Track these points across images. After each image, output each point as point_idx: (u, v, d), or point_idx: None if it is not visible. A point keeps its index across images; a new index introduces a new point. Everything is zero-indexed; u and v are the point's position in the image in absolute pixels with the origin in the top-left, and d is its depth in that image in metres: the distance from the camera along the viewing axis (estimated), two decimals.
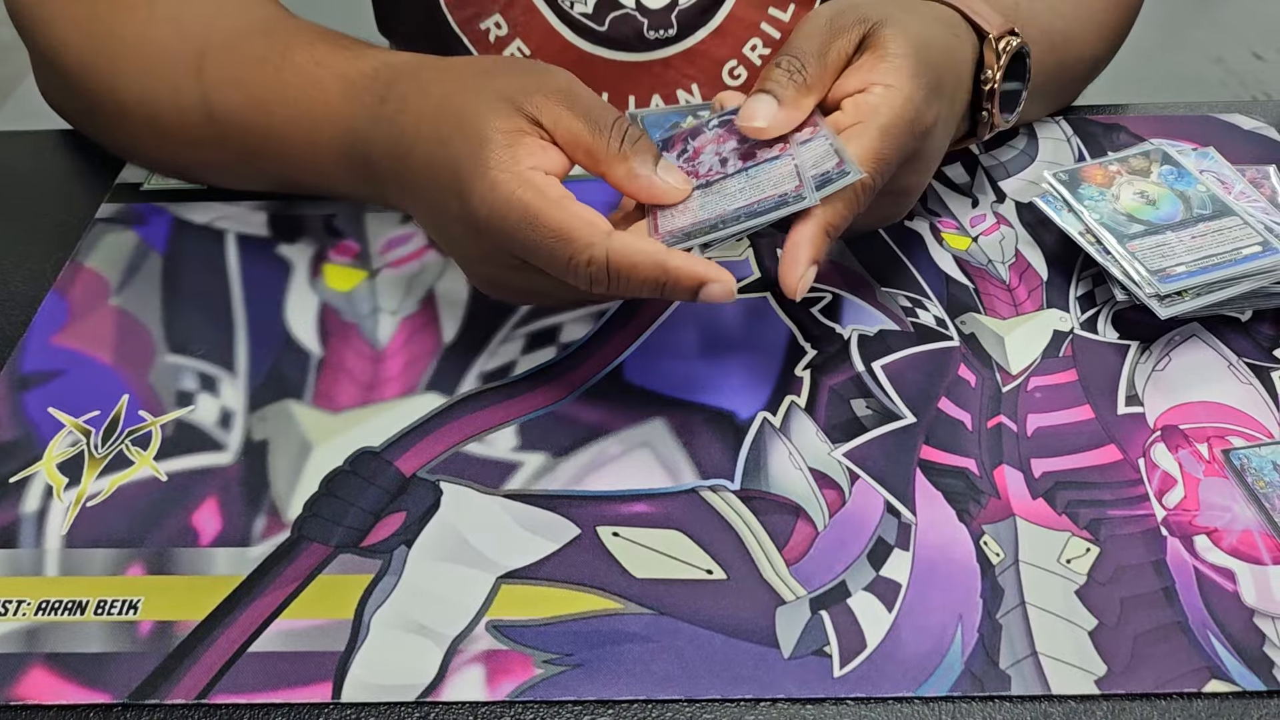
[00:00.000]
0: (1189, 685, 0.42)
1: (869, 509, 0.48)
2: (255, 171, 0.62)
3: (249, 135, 0.59)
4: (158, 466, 0.50)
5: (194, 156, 0.63)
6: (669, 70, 0.74)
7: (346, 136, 0.55)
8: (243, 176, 0.63)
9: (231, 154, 0.61)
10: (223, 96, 0.59)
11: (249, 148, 0.60)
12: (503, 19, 0.71)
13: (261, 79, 0.58)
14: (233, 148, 0.60)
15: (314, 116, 0.57)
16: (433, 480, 0.49)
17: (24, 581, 0.46)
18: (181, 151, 0.63)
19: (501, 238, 0.48)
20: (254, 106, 0.58)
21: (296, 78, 0.57)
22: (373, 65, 0.56)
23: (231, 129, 0.59)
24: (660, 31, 0.72)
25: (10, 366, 0.55)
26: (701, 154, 0.53)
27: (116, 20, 0.62)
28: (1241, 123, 0.69)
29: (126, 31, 0.62)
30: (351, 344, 0.56)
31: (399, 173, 0.53)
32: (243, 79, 0.59)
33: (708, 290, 0.47)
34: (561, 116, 0.50)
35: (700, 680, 0.42)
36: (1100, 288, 0.58)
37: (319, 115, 0.56)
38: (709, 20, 0.71)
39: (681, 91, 0.79)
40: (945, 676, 0.42)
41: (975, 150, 0.68)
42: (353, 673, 0.43)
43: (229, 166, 0.63)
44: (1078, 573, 0.46)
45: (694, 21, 0.71)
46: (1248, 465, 0.49)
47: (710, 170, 0.52)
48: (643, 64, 0.75)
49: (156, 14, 0.62)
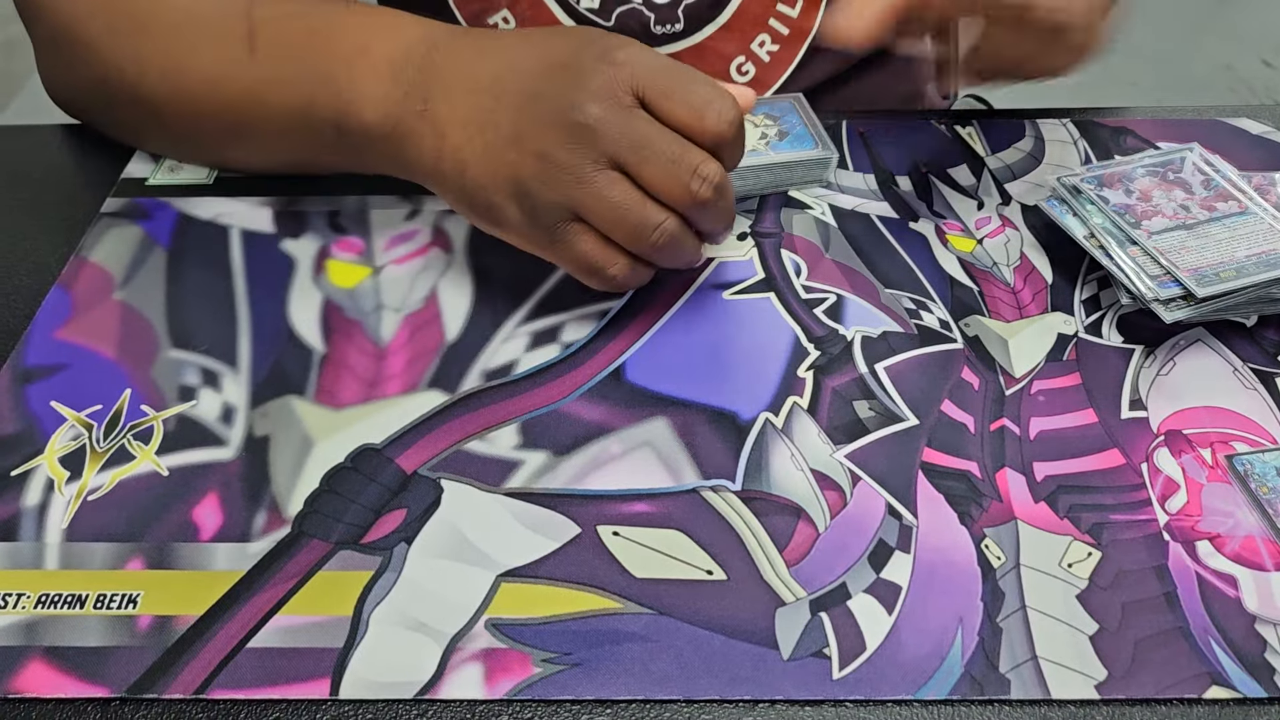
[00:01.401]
0: (1190, 691, 0.42)
1: (870, 511, 0.48)
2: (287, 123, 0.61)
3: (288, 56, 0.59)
4: (159, 461, 0.50)
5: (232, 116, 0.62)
6: None
7: (416, 40, 0.56)
8: (272, 134, 0.62)
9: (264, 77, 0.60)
10: (277, 27, 0.60)
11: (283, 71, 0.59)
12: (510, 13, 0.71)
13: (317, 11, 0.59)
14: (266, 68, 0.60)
15: (378, 25, 0.58)
16: (434, 478, 0.49)
17: (24, 575, 0.46)
18: (203, 123, 0.63)
19: (634, 71, 0.50)
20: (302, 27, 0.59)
21: (356, 12, 0.59)
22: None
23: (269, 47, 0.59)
24: (667, 26, 0.72)
25: (13, 360, 0.55)
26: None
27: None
28: (1249, 127, 0.69)
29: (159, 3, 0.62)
30: (354, 341, 0.56)
31: (477, 35, 0.55)
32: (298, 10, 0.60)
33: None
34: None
35: (699, 681, 0.42)
36: (1105, 291, 0.58)
37: (384, 24, 0.58)
38: (717, 16, 0.71)
39: None
40: (945, 680, 0.42)
41: (981, 152, 0.67)
42: (351, 669, 0.43)
43: (259, 122, 0.62)
44: (1079, 577, 0.45)
45: (701, 17, 0.71)
46: (1251, 471, 0.49)
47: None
48: None
49: None
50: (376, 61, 0.56)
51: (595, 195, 0.50)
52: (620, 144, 0.50)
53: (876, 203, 0.64)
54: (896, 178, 0.66)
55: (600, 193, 0.50)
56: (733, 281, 0.59)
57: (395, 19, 0.59)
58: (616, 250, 0.52)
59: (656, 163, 0.50)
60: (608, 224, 0.51)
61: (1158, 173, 0.60)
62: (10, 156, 0.69)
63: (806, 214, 0.63)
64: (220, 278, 0.59)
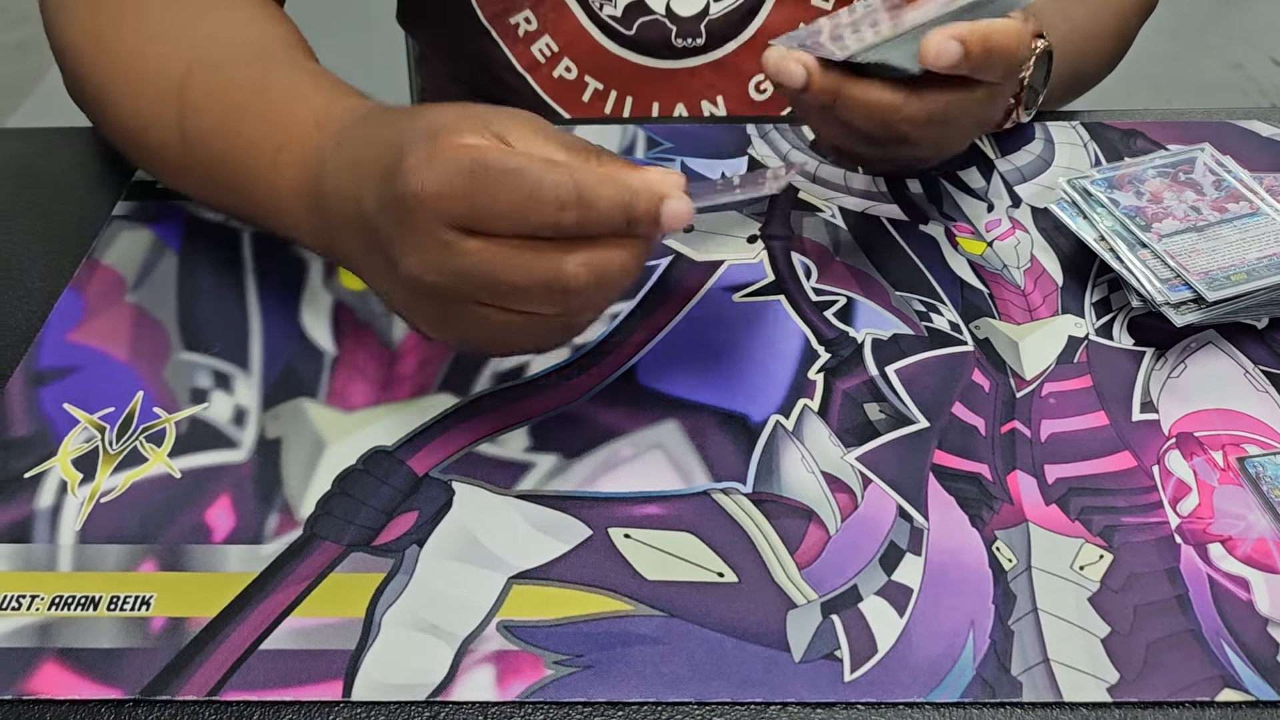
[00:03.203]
0: (1202, 694, 0.42)
1: (881, 513, 0.48)
2: (225, 205, 0.59)
3: (215, 164, 0.56)
4: (171, 463, 0.50)
5: (175, 181, 0.61)
6: (695, 80, 0.74)
7: (310, 165, 0.50)
8: (217, 208, 0.61)
9: (199, 182, 0.58)
10: (197, 120, 0.56)
11: (214, 178, 0.56)
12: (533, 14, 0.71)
13: (232, 103, 0.55)
14: (198, 175, 0.57)
15: (278, 141, 0.52)
16: (445, 480, 0.49)
17: (37, 576, 0.46)
18: (165, 175, 0.62)
19: (444, 201, 0.42)
20: (222, 130, 0.55)
21: (266, 102, 0.54)
22: (349, 103, 0.52)
23: (199, 155, 0.56)
24: (688, 40, 0.72)
25: (26, 362, 0.55)
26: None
27: (114, 32, 0.61)
28: (1260, 129, 0.69)
29: (120, 45, 0.61)
30: (365, 343, 0.56)
31: (340, 186, 0.47)
32: (216, 103, 0.56)
33: (667, 207, 0.42)
34: (532, 139, 0.44)
35: (710, 683, 0.42)
36: (1116, 294, 0.58)
37: (283, 139, 0.52)
38: (740, 33, 0.71)
39: (706, 102, 0.79)
40: (957, 682, 0.42)
41: (991, 155, 0.67)
42: (363, 671, 0.43)
43: (203, 197, 0.60)
44: (1091, 579, 0.45)
45: (724, 33, 0.71)
46: (1263, 473, 0.49)
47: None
48: (669, 71, 0.76)
49: (150, 29, 0.60)
50: (288, 175, 0.51)
51: (479, 320, 0.44)
52: (465, 290, 0.43)
53: (886, 205, 0.64)
54: (906, 180, 0.66)
55: (482, 320, 0.44)
56: (743, 284, 0.59)
57: (304, 113, 0.52)
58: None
59: (515, 304, 0.43)
60: (498, 326, 0.44)
61: (1169, 173, 0.60)
62: (22, 159, 0.70)
63: (816, 216, 0.63)
64: (232, 280, 0.60)
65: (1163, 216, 0.58)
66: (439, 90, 0.93)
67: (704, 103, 0.79)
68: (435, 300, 0.44)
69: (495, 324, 0.44)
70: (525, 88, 0.79)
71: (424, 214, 0.42)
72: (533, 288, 0.42)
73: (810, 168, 0.66)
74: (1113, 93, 0.78)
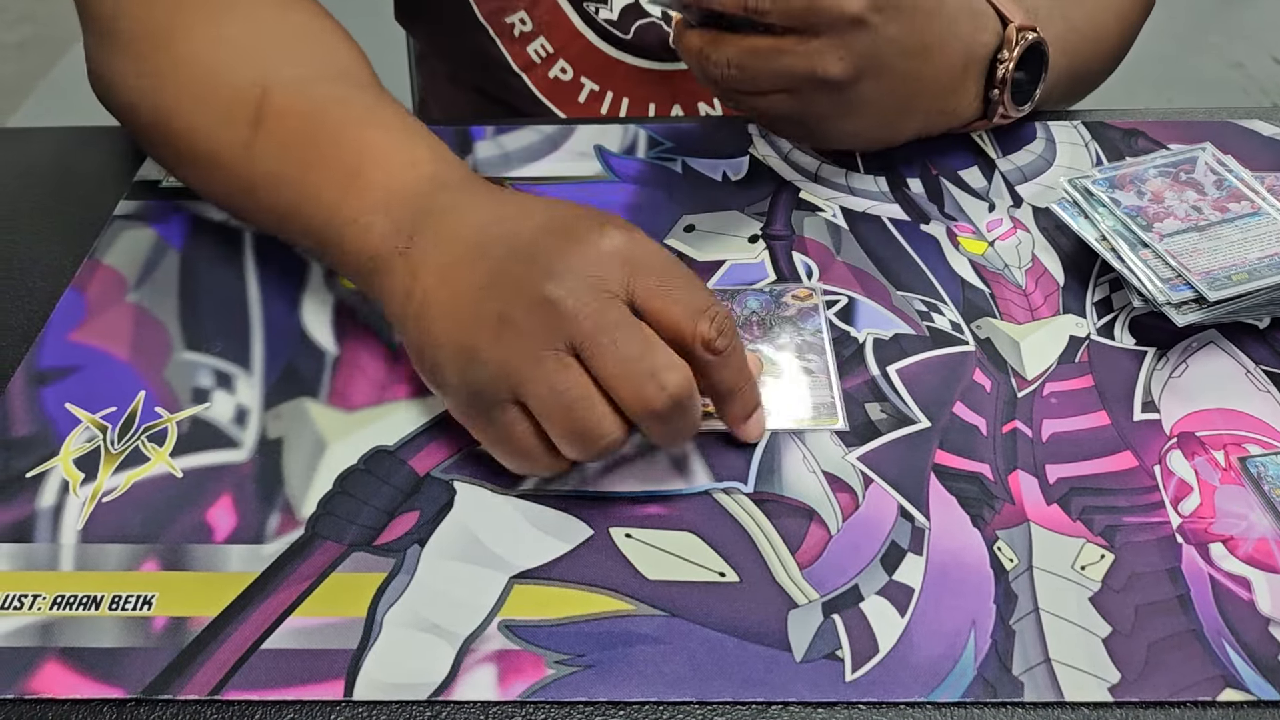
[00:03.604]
0: (1203, 694, 0.42)
1: (882, 513, 0.48)
2: (275, 221, 0.57)
3: (280, 185, 0.55)
4: (173, 463, 0.50)
5: (228, 200, 0.60)
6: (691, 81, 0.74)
7: (425, 177, 0.52)
8: (265, 225, 0.59)
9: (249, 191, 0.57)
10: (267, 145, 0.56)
11: (278, 204, 0.56)
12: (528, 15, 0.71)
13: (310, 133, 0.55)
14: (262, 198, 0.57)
15: (390, 148, 0.53)
16: (446, 480, 0.49)
17: (39, 576, 0.46)
18: (215, 187, 0.60)
19: (629, 258, 0.46)
20: (309, 131, 0.55)
21: (373, 124, 0.55)
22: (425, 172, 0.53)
23: (266, 173, 0.56)
24: None
25: (28, 362, 0.55)
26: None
27: (176, 33, 0.59)
28: (1261, 129, 0.69)
29: (181, 49, 0.59)
30: (367, 343, 0.56)
31: (486, 187, 0.51)
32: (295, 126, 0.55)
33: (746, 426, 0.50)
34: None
35: (712, 682, 0.42)
36: (1117, 293, 0.58)
37: (397, 147, 0.53)
38: None
39: (703, 104, 0.79)
40: (958, 682, 0.42)
41: (993, 154, 0.67)
42: (365, 671, 0.43)
43: (250, 211, 0.59)
44: (1092, 579, 0.45)
45: None
46: (1264, 473, 0.49)
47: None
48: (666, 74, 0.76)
49: (223, 34, 0.58)
50: (374, 189, 0.51)
51: (542, 377, 0.44)
52: (583, 327, 0.44)
53: (888, 205, 0.64)
54: (908, 180, 0.66)
55: (547, 375, 0.44)
56: (744, 284, 0.59)
57: (410, 147, 0.54)
58: (550, 446, 0.47)
59: (614, 356, 0.44)
60: (547, 414, 0.45)
61: (1170, 173, 0.60)
62: (23, 158, 0.70)
63: (818, 216, 0.63)
64: (233, 280, 0.60)
65: (1164, 216, 0.58)
66: (439, 90, 0.93)
67: (700, 104, 0.79)
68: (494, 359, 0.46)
69: (516, 430, 0.46)
70: (522, 87, 0.79)
71: (611, 264, 0.46)
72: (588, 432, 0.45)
73: (811, 167, 0.67)
74: (1114, 92, 0.78)
